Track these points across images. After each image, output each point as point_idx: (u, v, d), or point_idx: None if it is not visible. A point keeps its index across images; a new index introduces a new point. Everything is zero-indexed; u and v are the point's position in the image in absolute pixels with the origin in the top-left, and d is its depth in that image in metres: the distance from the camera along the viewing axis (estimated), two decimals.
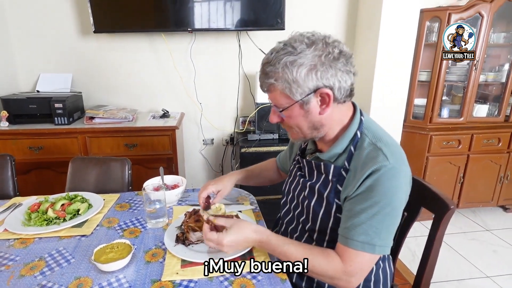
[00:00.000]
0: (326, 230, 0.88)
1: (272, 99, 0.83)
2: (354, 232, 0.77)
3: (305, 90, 0.77)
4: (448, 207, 0.90)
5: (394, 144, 0.82)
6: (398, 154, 0.79)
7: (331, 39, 0.78)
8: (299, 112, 0.81)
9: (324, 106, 0.80)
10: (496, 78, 2.46)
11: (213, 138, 2.60)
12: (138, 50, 2.32)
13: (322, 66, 0.75)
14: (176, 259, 0.89)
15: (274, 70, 0.77)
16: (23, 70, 2.29)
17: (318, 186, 0.88)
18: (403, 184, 0.78)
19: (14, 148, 1.93)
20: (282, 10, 2.15)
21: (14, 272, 0.84)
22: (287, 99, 0.80)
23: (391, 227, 0.79)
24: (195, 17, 2.14)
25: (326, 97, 0.79)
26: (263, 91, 0.85)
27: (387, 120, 2.31)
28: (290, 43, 0.77)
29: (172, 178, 1.31)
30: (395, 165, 0.76)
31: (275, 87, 0.79)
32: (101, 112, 2.07)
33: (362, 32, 2.38)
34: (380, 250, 0.78)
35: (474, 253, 2.17)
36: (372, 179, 0.76)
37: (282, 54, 0.76)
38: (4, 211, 1.15)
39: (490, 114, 2.51)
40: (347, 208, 0.81)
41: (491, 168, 2.52)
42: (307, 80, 0.76)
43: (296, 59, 0.75)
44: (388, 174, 0.75)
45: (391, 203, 0.76)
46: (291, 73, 0.75)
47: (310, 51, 0.75)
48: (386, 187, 0.75)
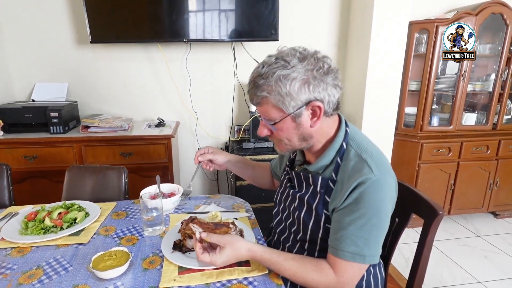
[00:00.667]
0: (316, 240, 0.90)
1: (263, 112, 0.84)
2: (344, 244, 0.80)
3: (298, 103, 0.79)
4: (437, 212, 0.94)
5: (379, 155, 0.84)
6: (383, 166, 0.82)
7: (320, 54, 0.81)
8: (290, 124, 0.83)
9: (315, 119, 0.82)
10: (483, 87, 2.54)
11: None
12: (134, 59, 2.35)
13: (314, 80, 0.78)
14: (173, 266, 0.90)
15: (267, 83, 0.78)
16: (18, 79, 2.30)
17: (307, 198, 0.91)
18: (388, 195, 0.81)
19: (9, 157, 1.93)
20: (276, 21, 2.21)
21: (12, 281, 0.85)
22: (279, 112, 0.81)
23: (379, 237, 0.82)
24: (191, 28, 2.18)
25: (317, 110, 0.81)
26: (253, 104, 0.85)
27: (379, 129, 2.36)
28: (282, 57, 0.79)
29: (169, 187, 1.33)
30: (380, 176, 0.79)
31: (268, 100, 0.80)
32: (97, 121, 2.08)
33: (353, 43, 2.44)
34: (369, 260, 0.81)
35: (466, 258, 2.21)
36: (358, 191, 0.79)
37: (275, 67, 0.78)
38: (0, 220, 1.15)
39: (479, 122, 2.58)
40: (335, 219, 0.83)
41: (480, 175, 2.58)
42: (300, 93, 0.78)
43: (290, 73, 0.77)
44: (373, 187, 0.78)
45: (378, 214, 0.79)
46: (284, 87, 0.77)
47: (303, 65, 0.77)
48: (372, 199, 0.78)
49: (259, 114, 0.87)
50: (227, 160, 1.21)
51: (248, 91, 0.84)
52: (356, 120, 2.41)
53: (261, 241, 1.04)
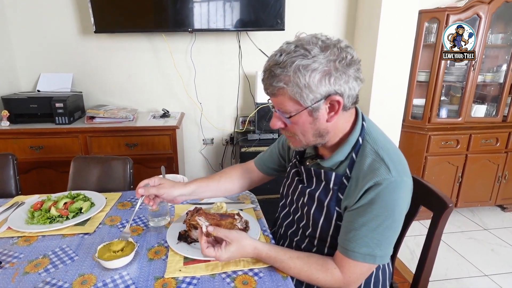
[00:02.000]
0: (327, 238, 0.87)
1: (278, 104, 0.78)
2: (355, 244, 0.77)
3: (316, 96, 0.73)
4: (447, 205, 0.92)
5: (396, 153, 0.80)
6: (400, 165, 0.78)
7: (343, 43, 0.74)
8: (306, 119, 0.77)
9: (333, 114, 0.77)
10: (494, 78, 2.48)
11: (213, 138, 2.61)
12: (139, 50, 2.33)
13: (336, 72, 0.72)
14: (178, 256, 0.90)
15: (285, 73, 0.72)
16: (23, 70, 2.30)
17: (318, 194, 0.86)
18: (404, 196, 0.77)
19: (15, 148, 1.94)
20: (282, 10, 2.16)
21: (18, 269, 0.85)
22: (296, 105, 0.75)
23: (391, 238, 0.79)
24: (195, 17, 2.15)
25: (336, 105, 0.75)
26: (268, 94, 0.79)
27: (386, 120, 2.33)
28: (302, 45, 0.72)
29: (174, 177, 1.32)
30: (397, 178, 0.74)
31: (284, 92, 0.74)
32: (102, 111, 2.08)
33: (361, 33, 2.40)
34: (380, 260, 0.78)
35: (472, 252, 2.19)
36: (374, 192, 0.75)
37: (294, 56, 0.71)
38: (7, 209, 1.16)
39: (488, 114, 2.53)
40: (347, 219, 0.80)
41: (489, 167, 2.54)
42: (319, 86, 0.72)
43: (310, 63, 0.70)
44: (390, 188, 0.74)
45: (393, 215, 0.76)
46: (303, 78, 0.70)
47: (325, 55, 0.71)
48: (388, 200, 0.74)
49: (272, 105, 0.81)
50: (179, 193, 0.99)
51: (263, 80, 0.77)
52: (363, 111, 2.37)
53: (266, 233, 1.03)
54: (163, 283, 0.80)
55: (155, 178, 0.99)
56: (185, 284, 0.80)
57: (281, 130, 0.86)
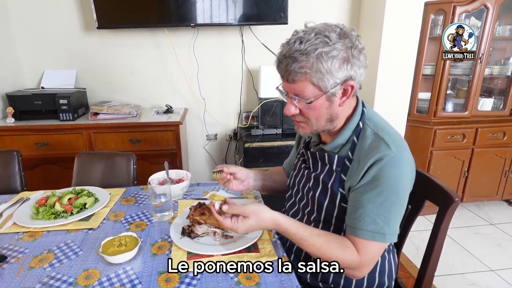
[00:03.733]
0: (331, 220, 0.89)
1: (297, 90, 0.79)
2: (363, 223, 0.78)
3: (336, 81, 0.77)
4: (453, 199, 0.90)
5: (396, 133, 0.83)
6: (400, 142, 0.80)
7: (356, 32, 0.79)
8: (324, 103, 0.80)
9: (345, 98, 0.81)
10: (502, 71, 2.43)
11: (217, 134, 2.60)
12: (141, 45, 2.33)
13: (353, 58, 0.76)
14: (182, 251, 0.90)
15: (308, 60, 0.74)
16: (27, 67, 2.31)
17: (323, 177, 0.89)
18: (406, 172, 0.79)
19: (21, 144, 1.95)
20: (285, 4, 2.14)
21: (23, 264, 0.86)
22: (317, 90, 0.78)
23: (397, 215, 0.80)
24: (198, 12, 2.14)
25: (350, 89, 0.79)
26: (287, 81, 0.80)
27: (391, 114, 2.30)
28: (321, 32, 0.75)
29: (177, 172, 1.32)
30: (397, 153, 0.77)
31: (307, 77, 0.76)
32: (105, 108, 2.08)
33: (366, 26, 2.36)
34: (389, 238, 0.79)
35: (478, 247, 2.17)
36: (376, 168, 0.77)
37: (315, 43, 0.74)
38: (13, 205, 1.17)
39: (495, 107, 2.49)
40: (353, 199, 0.82)
41: (496, 162, 2.51)
42: (339, 71, 0.76)
43: (331, 50, 0.74)
44: (391, 163, 0.77)
45: (397, 191, 0.77)
46: (326, 63, 0.74)
47: (344, 42, 0.75)
48: (390, 175, 0.77)
49: (286, 92, 0.83)
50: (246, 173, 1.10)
51: (282, 67, 0.78)
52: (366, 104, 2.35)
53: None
54: (167, 278, 0.80)
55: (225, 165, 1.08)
56: (188, 279, 0.80)
57: (294, 117, 0.87)
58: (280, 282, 0.79)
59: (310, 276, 0.94)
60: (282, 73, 0.80)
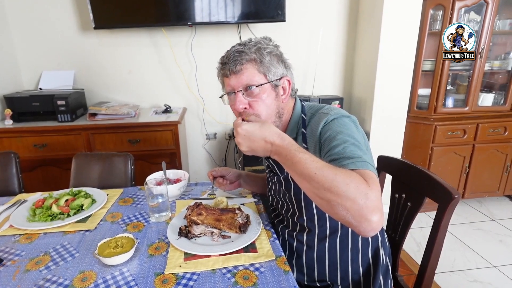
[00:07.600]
0: (313, 213, 0.91)
1: (245, 79, 0.86)
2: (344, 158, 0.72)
3: (277, 73, 0.88)
4: (452, 196, 0.89)
5: (334, 107, 0.90)
6: (338, 110, 0.87)
7: None
8: (271, 93, 0.88)
9: (285, 96, 0.91)
10: (502, 66, 2.41)
11: (216, 133, 2.60)
12: (139, 45, 2.32)
13: (283, 58, 0.91)
14: (179, 252, 0.89)
15: (250, 51, 0.86)
16: (25, 68, 2.30)
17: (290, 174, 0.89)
18: (352, 124, 0.84)
19: (19, 146, 1.95)
20: (282, 1, 2.13)
21: (19, 267, 0.85)
22: (263, 77, 0.87)
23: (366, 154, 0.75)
24: (196, 10, 2.13)
25: (287, 86, 0.91)
26: (234, 73, 0.87)
27: (391, 111, 2.29)
28: (255, 39, 0.90)
29: (175, 172, 1.31)
30: (336, 115, 0.85)
31: (252, 65, 0.86)
32: (104, 108, 2.07)
33: (364, 22, 2.34)
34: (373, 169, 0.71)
35: (479, 243, 2.16)
36: (325, 129, 0.83)
37: (253, 43, 0.88)
38: (10, 207, 1.16)
39: (496, 103, 2.47)
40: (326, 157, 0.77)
41: (497, 157, 2.49)
42: (278, 66, 0.89)
43: (267, 47, 0.88)
44: (335, 120, 0.84)
45: (352, 135, 0.79)
46: (266, 57, 0.86)
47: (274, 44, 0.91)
48: (338, 125, 0.82)
49: (233, 90, 0.89)
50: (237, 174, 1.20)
51: (228, 62, 0.87)
52: (367, 103, 2.34)
53: (267, 227, 1.02)
54: (163, 279, 0.80)
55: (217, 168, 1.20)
56: (185, 280, 0.79)
57: (243, 114, 0.88)
58: (277, 282, 0.78)
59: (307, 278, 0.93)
60: (230, 69, 0.87)
